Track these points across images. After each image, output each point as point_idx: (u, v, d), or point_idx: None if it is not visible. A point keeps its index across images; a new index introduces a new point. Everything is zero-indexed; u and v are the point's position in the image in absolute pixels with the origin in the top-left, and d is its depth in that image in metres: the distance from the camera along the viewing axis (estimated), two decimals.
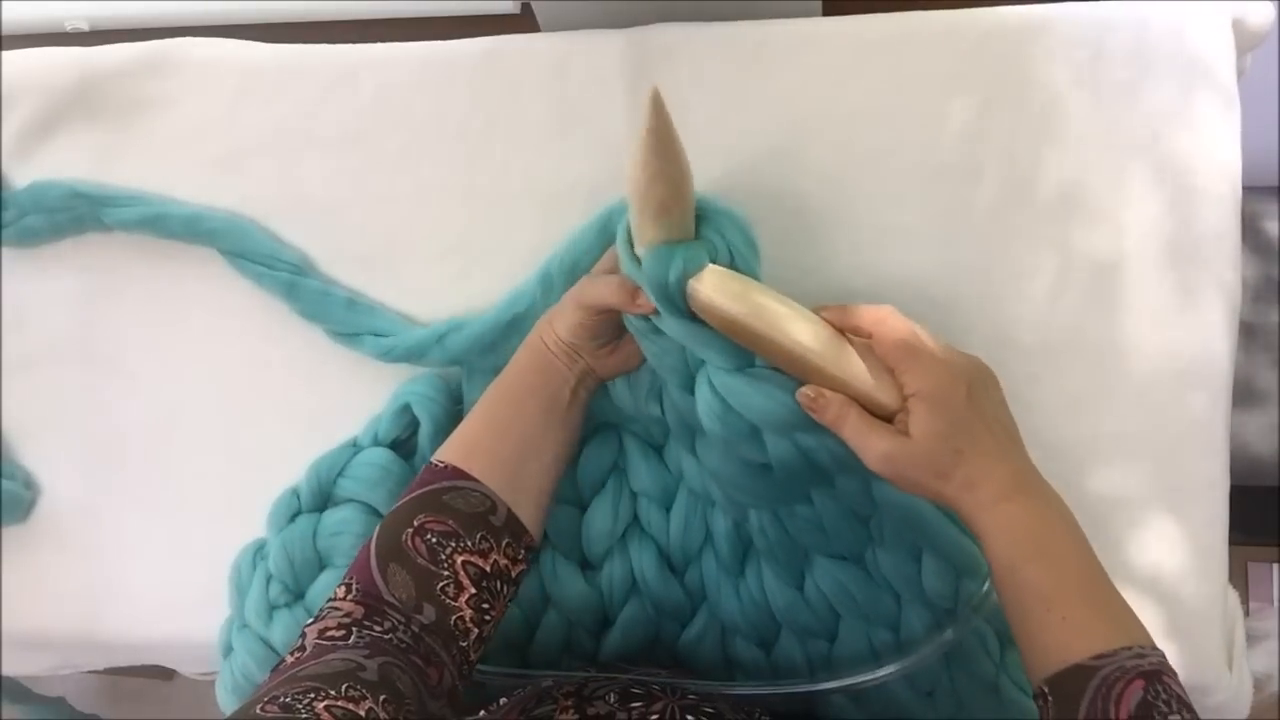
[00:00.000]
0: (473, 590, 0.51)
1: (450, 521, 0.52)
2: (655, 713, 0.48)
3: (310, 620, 0.50)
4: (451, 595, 0.51)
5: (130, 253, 0.73)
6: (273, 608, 0.66)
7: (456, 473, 0.54)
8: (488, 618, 0.52)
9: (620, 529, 0.65)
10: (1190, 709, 0.43)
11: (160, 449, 0.74)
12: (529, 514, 0.56)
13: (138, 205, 0.71)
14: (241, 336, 0.73)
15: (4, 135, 0.74)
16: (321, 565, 0.66)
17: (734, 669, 0.66)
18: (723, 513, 0.63)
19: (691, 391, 0.57)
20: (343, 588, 0.51)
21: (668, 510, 0.65)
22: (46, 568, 0.75)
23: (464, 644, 0.51)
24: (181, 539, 0.73)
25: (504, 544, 0.53)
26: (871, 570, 0.61)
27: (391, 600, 0.50)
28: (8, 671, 0.79)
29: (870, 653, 0.63)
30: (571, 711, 0.48)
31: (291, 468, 0.69)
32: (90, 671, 0.83)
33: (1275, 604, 1.23)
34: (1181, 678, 0.62)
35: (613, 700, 0.49)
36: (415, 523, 0.52)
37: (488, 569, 0.52)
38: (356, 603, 0.50)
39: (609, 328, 0.58)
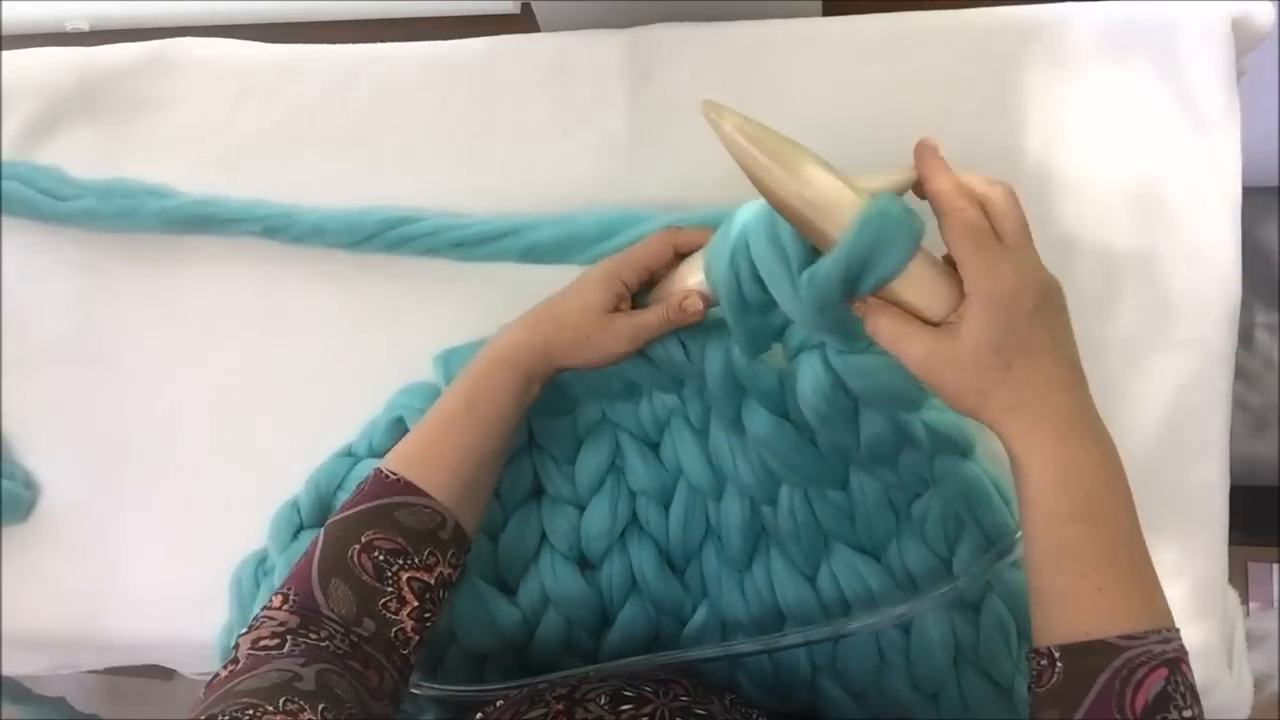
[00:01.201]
0: (415, 604, 0.51)
1: (400, 539, 0.51)
2: (646, 715, 0.47)
3: (244, 630, 0.48)
4: (393, 610, 0.50)
5: (130, 253, 0.73)
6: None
7: (409, 487, 0.53)
8: (428, 625, 0.52)
9: (619, 528, 0.65)
10: (1199, 701, 0.43)
11: (160, 449, 0.74)
12: (472, 521, 0.56)
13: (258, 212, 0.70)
14: (241, 337, 0.73)
15: (4, 135, 0.74)
16: None
17: (735, 667, 0.66)
18: (740, 501, 0.63)
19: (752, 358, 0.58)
20: (279, 597, 0.50)
21: (666, 508, 0.66)
22: (46, 568, 0.75)
23: (404, 651, 0.51)
24: (181, 539, 0.73)
25: (449, 555, 0.53)
26: (893, 565, 0.62)
27: (330, 614, 0.49)
28: (8, 671, 0.79)
29: (876, 652, 0.63)
30: (562, 715, 0.48)
31: (290, 468, 0.69)
32: (90, 671, 0.83)
33: (1275, 604, 1.23)
34: None
35: (604, 703, 0.49)
36: (363, 539, 0.50)
37: (432, 582, 0.52)
38: (292, 613, 0.49)
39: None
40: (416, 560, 0.51)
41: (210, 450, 0.73)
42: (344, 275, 0.71)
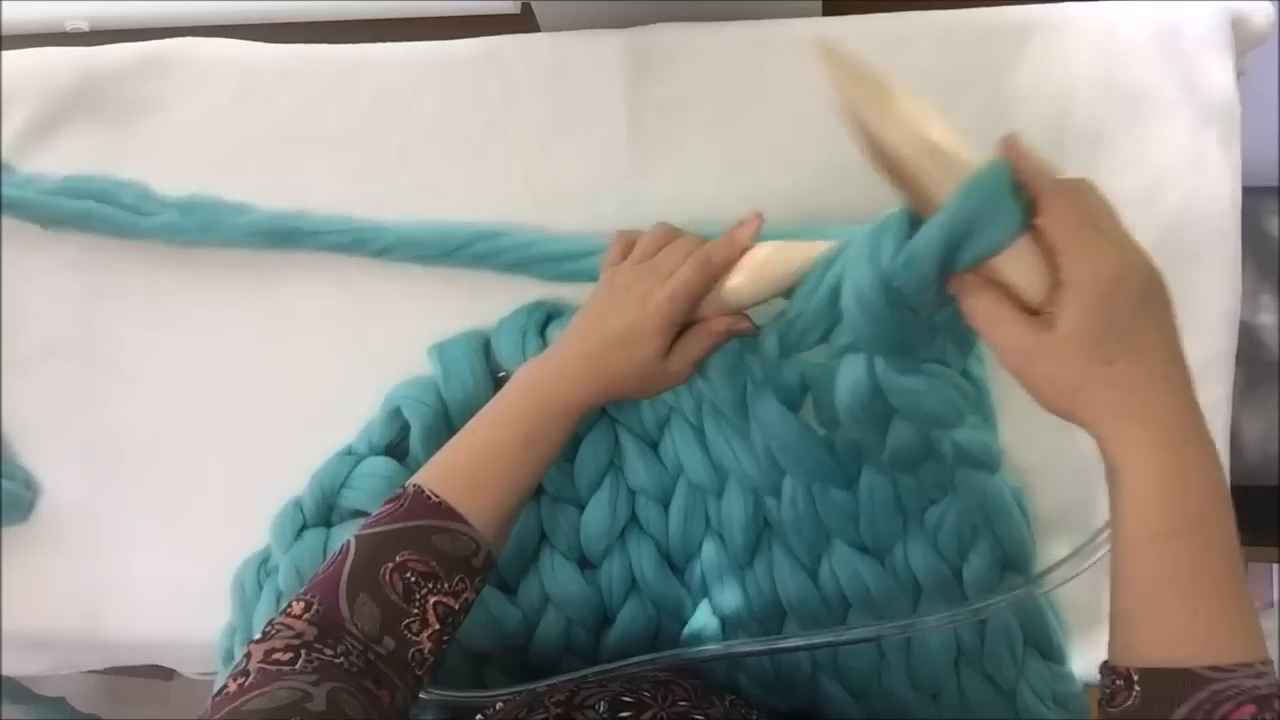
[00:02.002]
0: (437, 627, 0.50)
1: (433, 563, 0.50)
2: None
3: (258, 637, 0.47)
4: (415, 632, 0.50)
5: (130, 253, 0.73)
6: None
7: (450, 513, 0.52)
8: (444, 646, 0.52)
9: (619, 527, 0.65)
10: None
11: (160, 449, 0.74)
12: (500, 548, 0.56)
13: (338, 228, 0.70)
14: (241, 336, 0.73)
15: (4, 135, 0.74)
16: None
17: (736, 667, 0.66)
18: (743, 495, 0.63)
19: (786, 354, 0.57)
20: (300, 604, 0.49)
21: (665, 507, 0.66)
22: (46, 568, 0.75)
23: (419, 672, 0.50)
24: (181, 539, 0.73)
25: (476, 580, 0.53)
26: (896, 566, 0.62)
27: (351, 629, 0.48)
28: (8, 671, 0.79)
29: (876, 651, 0.63)
30: None
31: (290, 468, 0.69)
32: (90, 671, 0.83)
33: (1275, 604, 1.23)
34: None
35: (602, 709, 0.49)
36: (397, 558, 0.50)
37: (456, 607, 0.51)
38: (312, 623, 0.48)
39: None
40: (446, 585, 0.51)
41: (210, 450, 0.73)
42: (344, 275, 0.71)
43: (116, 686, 1.51)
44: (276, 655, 0.45)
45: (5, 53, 0.74)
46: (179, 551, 0.73)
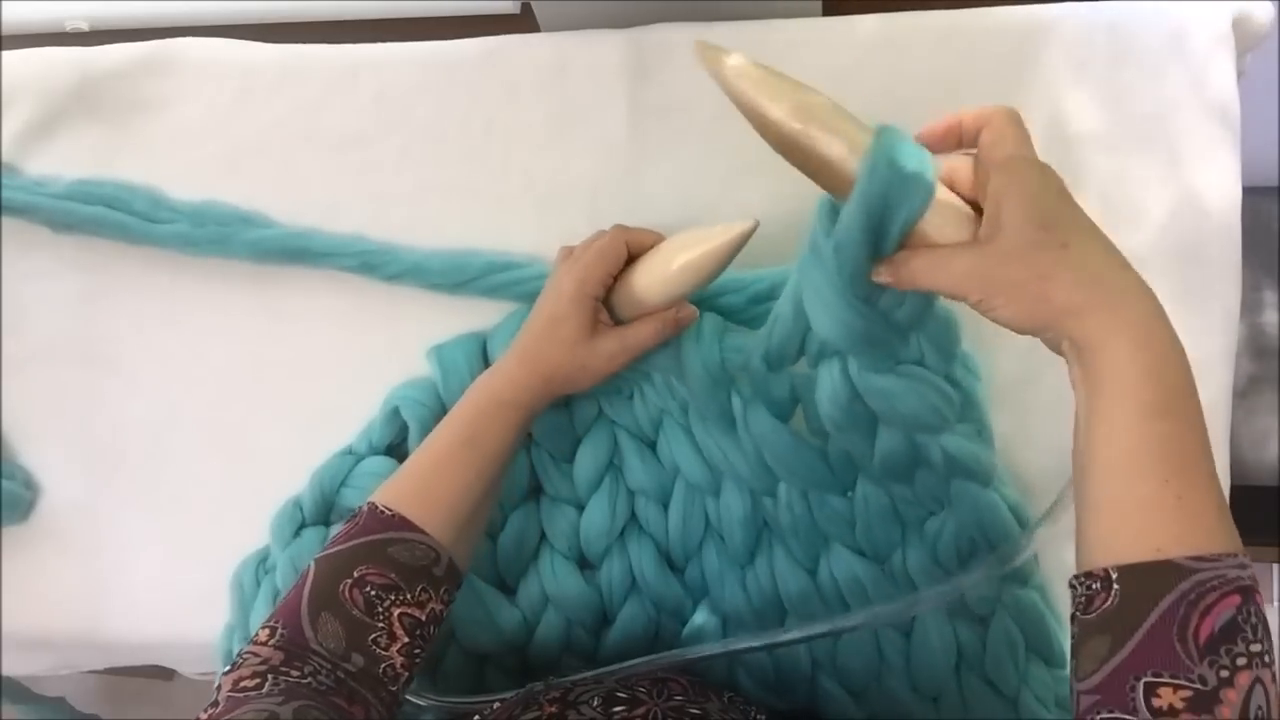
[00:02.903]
0: (405, 640, 0.50)
1: (392, 575, 0.50)
2: (638, 716, 0.47)
3: (226, 669, 0.47)
4: (383, 646, 0.50)
5: (130, 253, 0.73)
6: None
7: (404, 523, 0.52)
8: (418, 660, 0.52)
9: (618, 527, 0.65)
10: (1270, 636, 0.37)
11: (160, 449, 0.74)
12: (465, 557, 0.56)
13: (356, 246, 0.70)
14: (241, 336, 0.73)
15: (4, 135, 0.74)
16: None
17: (735, 665, 0.66)
18: (740, 493, 0.62)
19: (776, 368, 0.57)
20: (266, 630, 0.49)
21: (665, 507, 0.65)
22: (46, 568, 0.75)
23: (392, 688, 0.50)
24: (181, 539, 0.73)
25: (441, 591, 0.53)
26: (895, 572, 0.62)
27: (318, 649, 0.48)
28: (8, 671, 0.79)
29: (876, 652, 0.63)
30: (556, 718, 0.48)
31: (290, 469, 0.69)
32: (90, 671, 0.83)
33: (1275, 604, 1.23)
34: None
35: (596, 705, 0.49)
36: (355, 573, 0.50)
37: (423, 618, 0.51)
38: (277, 648, 0.48)
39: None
40: (409, 596, 0.51)
41: (210, 450, 0.73)
42: (344, 276, 0.71)
43: (116, 686, 1.51)
44: (244, 683, 0.45)
45: (5, 53, 0.74)
46: (179, 551, 0.73)
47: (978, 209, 0.45)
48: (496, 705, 0.53)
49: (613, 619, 0.66)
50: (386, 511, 0.53)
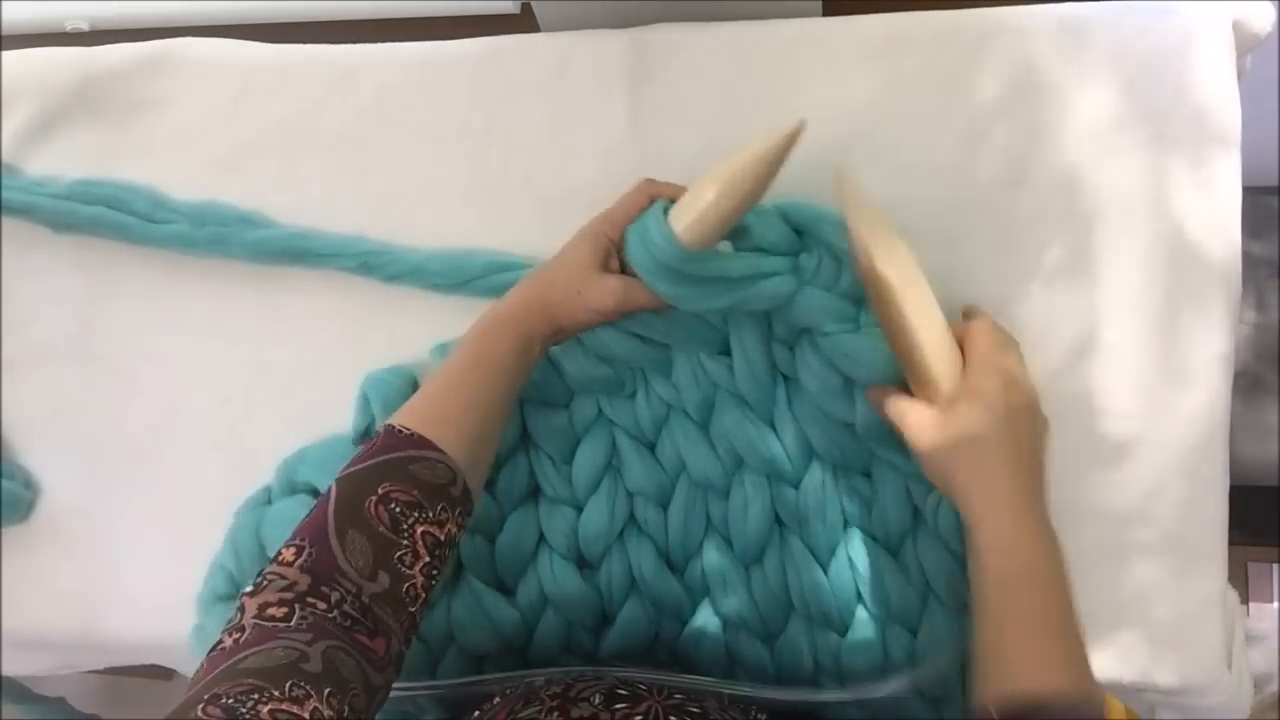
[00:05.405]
0: (427, 559, 0.51)
1: (415, 492, 0.51)
2: (640, 713, 0.48)
3: (250, 589, 0.47)
4: (407, 564, 0.50)
5: (130, 253, 0.73)
6: (217, 598, 0.66)
7: (422, 442, 0.53)
8: (434, 582, 0.52)
9: (617, 528, 0.65)
10: None
11: (160, 449, 0.74)
12: (477, 482, 0.56)
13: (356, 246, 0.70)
14: (241, 336, 0.73)
15: (4, 135, 0.74)
16: (265, 556, 0.66)
17: (735, 665, 0.66)
18: (761, 486, 0.64)
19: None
20: (291, 549, 0.48)
21: (663, 508, 0.66)
22: (46, 568, 0.75)
23: (412, 609, 0.50)
24: (181, 539, 0.73)
25: (458, 513, 0.53)
26: (908, 564, 0.62)
27: (345, 568, 0.48)
28: (8, 671, 0.79)
29: (881, 652, 0.63)
30: (556, 713, 0.48)
31: None
32: (90, 671, 0.83)
33: (1275, 604, 1.23)
34: (1180, 678, 0.63)
35: (597, 701, 0.49)
36: (379, 490, 0.50)
37: (442, 538, 0.52)
38: (304, 570, 0.47)
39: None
40: (430, 514, 0.51)
41: (210, 450, 0.73)
42: (343, 275, 0.71)
43: (116, 686, 1.51)
44: (271, 610, 0.45)
45: (5, 53, 0.74)
46: (179, 551, 0.73)
47: None
48: (497, 701, 0.53)
49: (612, 619, 0.66)
50: (405, 430, 0.53)
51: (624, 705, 0.48)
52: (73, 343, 0.75)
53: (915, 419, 0.54)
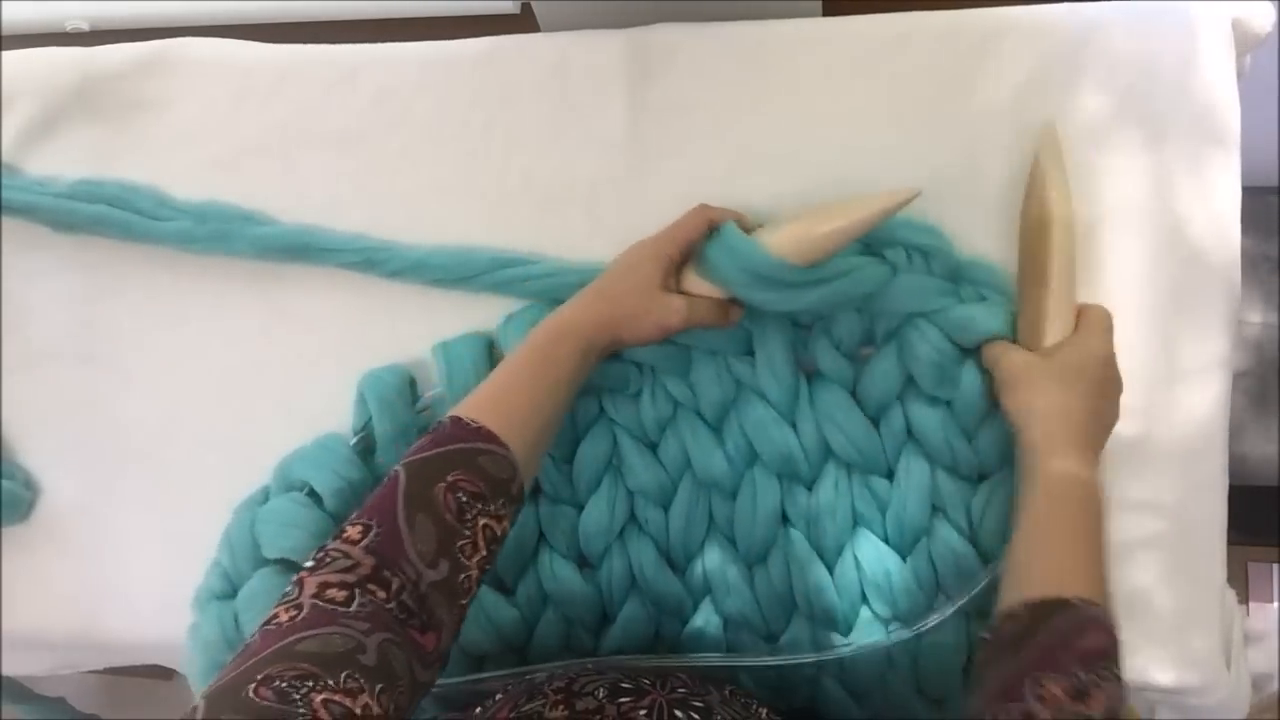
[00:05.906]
0: (484, 552, 0.51)
1: (481, 484, 0.51)
2: (644, 707, 0.48)
3: (309, 564, 0.46)
4: (467, 555, 0.50)
5: (131, 253, 0.73)
6: (213, 596, 0.66)
7: (490, 436, 0.53)
8: (482, 579, 0.52)
9: (617, 527, 0.65)
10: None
11: (160, 449, 0.74)
12: (528, 484, 0.56)
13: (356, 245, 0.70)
14: (241, 336, 0.73)
15: (4, 135, 0.74)
16: (260, 554, 0.66)
17: (737, 666, 0.66)
18: (771, 485, 0.64)
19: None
20: (358, 528, 0.47)
21: (665, 509, 0.66)
22: (46, 568, 0.75)
23: (464, 602, 0.50)
24: (181, 539, 0.73)
25: (515, 511, 0.54)
26: (918, 564, 0.63)
27: (409, 552, 0.47)
28: (8, 671, 0.79)
29: (884, 653, 0.63)
30: (561, 707, 0.48)
31: None
32: (90, 671, 0.83)
33: (1275, 604, 1.23)
34: (1179, 677, 0.63)
35: (602, 695, 0.49)
36: (449, 478, 0.50)
37: (499, 533, 0.52)
38: (369, 551, 0.46)
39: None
40: (492, 508, 0.51)
41: (210, 450, 0.73)
42: (344, 275, 0.71)
43: (116, 686, 1.51)
44: (331, 592, 0.44)
45: (5, 53, 0.74)
46: (179, 551, 0.73)
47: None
48: (499, 697, 0.53)
49: (613, 618, 0.66)
50: (474, 423, 0.53)
51: (628, 699, 0.49)
52: (73, 343, 0.75)
53: (1017, 353, 0.59)
